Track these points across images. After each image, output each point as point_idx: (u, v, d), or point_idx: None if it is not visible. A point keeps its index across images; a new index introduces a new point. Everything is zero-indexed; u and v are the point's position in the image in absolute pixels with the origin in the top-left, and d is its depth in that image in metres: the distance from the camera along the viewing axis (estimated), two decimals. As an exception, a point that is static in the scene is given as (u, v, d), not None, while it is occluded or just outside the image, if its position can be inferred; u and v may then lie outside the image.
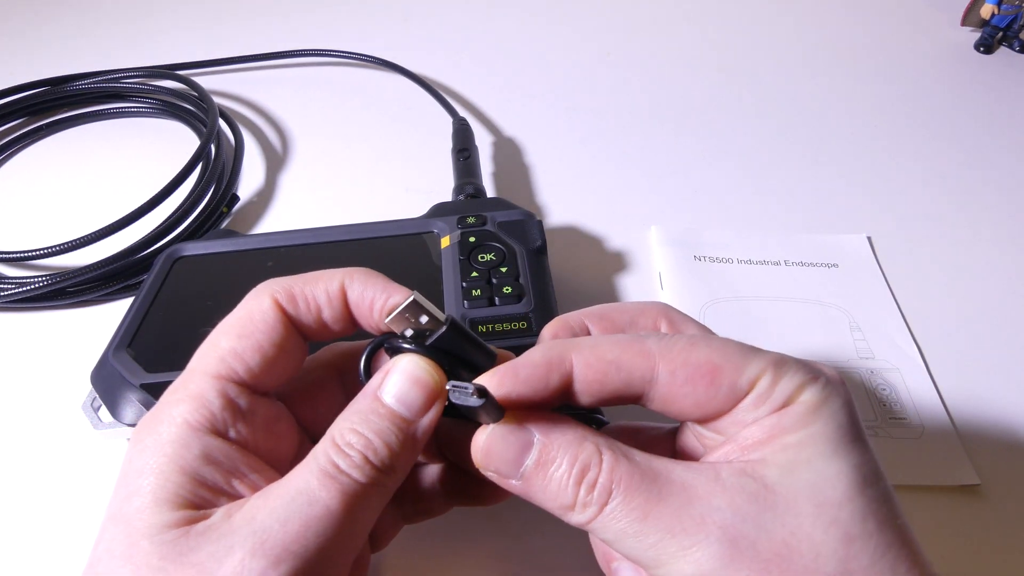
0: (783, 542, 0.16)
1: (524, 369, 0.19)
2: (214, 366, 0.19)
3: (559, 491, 0.18)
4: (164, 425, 0.18)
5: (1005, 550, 0.26)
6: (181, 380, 0.20)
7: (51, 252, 0.38)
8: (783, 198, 0.43)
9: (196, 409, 0.19)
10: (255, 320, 0.20)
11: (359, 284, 0.21)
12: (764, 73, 0.56)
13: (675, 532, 0.17)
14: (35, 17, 0.70)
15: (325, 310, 0.21)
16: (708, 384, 0.18)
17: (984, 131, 0.48)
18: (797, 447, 0.17)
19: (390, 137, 0.50)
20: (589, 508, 0.18)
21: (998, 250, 0.39)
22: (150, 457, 0.18)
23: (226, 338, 0.20)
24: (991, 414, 0.30)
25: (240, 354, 0.19)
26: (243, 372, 0.19)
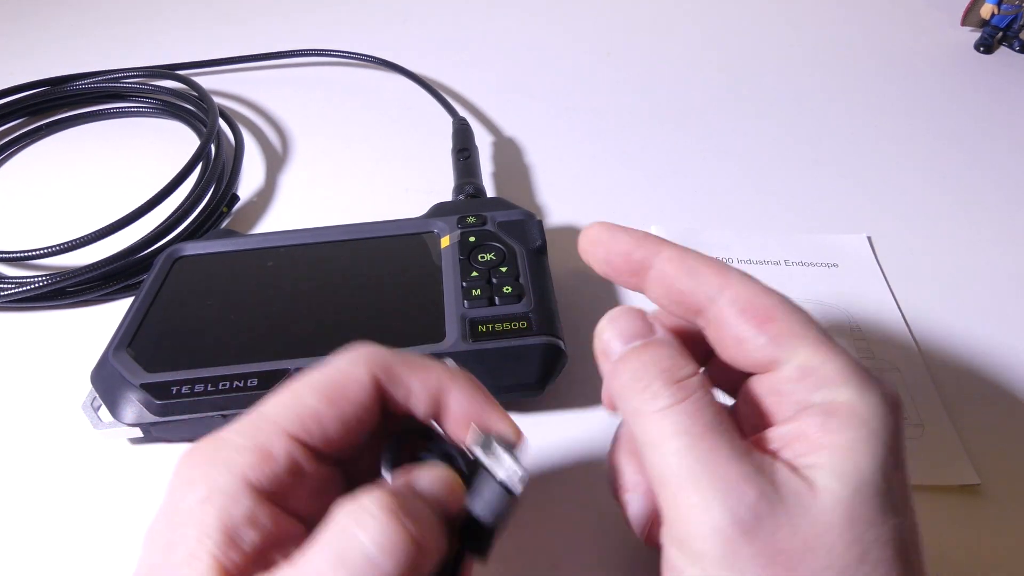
0: (804, 542, 0.16)
1: (619, 231, 0.22)
2: (292, 423, 0.18)
3: (641, 371, 0.19)
4: (221, 469, 0.18)
5: (1005, 550, 0.26)
6: (252, 423, 0.19)
7: (51, 252, 0.38)
8: (783, 198, 0.43)
9: (259, 464, 0.18)
10: (348, 389, 0.19)
11: (463, 395, 0.20)
12: (764, 73, 0.56)
13: (714, 480, 0.17)
14: (35, 17, 0.70)
15: (414, 401, 0.20)
16: (758, 325, 0.19)
17: (984, 131, 0.48)
18: (847, 454, 0.17)
19: (390, 137, 0.50)
20: (660, 396, 0.18)
21: (998, 250, 0.39)
22: (198, 504, 0.17)
23: (313, 397, 0.19)
24: (991, 414, 0.30)
25: (321, 419, 0.19)
26: (319, 439, 0.19)
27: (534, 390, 0.29)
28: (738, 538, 0.16)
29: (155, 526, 0.18)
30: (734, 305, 0.19)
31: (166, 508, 0.18)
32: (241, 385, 0.28)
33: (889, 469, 0.17)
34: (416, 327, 0.30)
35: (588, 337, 0.33)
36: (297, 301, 0.32)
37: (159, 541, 0.17)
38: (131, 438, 0.30)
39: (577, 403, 0.31)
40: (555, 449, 0.22)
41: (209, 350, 0.30)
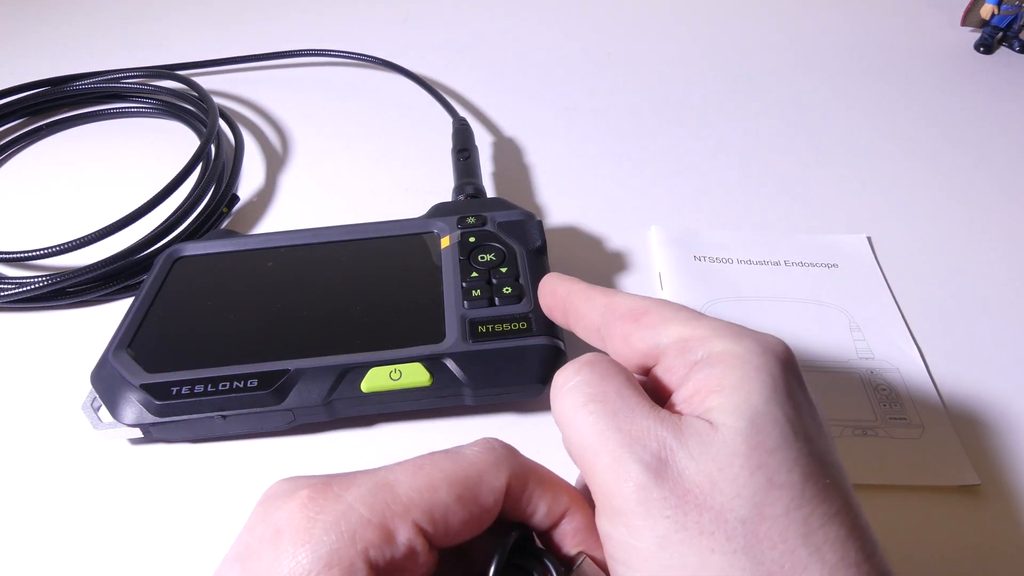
0: (709, 476, 0.17)
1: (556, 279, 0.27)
2: (421, 512, 0.18)
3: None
4: (345, 540, 0.17)
5: (1005, 550, 0.26)
6: (382, 499, 0.18)
7: (51, 252, 0.38)
8: (783, 198, 0.43)
9: (381, 544, 0.17)
10: (481, 493, 0.19)
11: (580, 521, 0.21)
12: (764, 73, 0.56)
13: (620, 437, 0.18)
14: (35, 17, 0.70)
15: (536, 516, 0.20)
16: (633, 320, 0.22)
17: (984, 131, 0.48)
18: (735, 390, 0.18)
19: (390, 137, 0.50)
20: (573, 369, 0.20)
21: (999, 250, 0.39)
22: (317, 571, 0.16)
23: (447, 491, 0.18)
24: (991, 414, 0.30)
25: (449, 516, 0.18)
26: (441, 532, 0.18)
27: (534, 390, 0.29)
28: (649, 484, 0.17)
29: (255, 569, 0.17)
30: (615, 311, 0.23)
31: (273, 560, 0.17)
32: (241, 386, 0.28)
33: (783, 399, 0.18)
34: (416, 327, 0.30)
35: (588, 337, 0.33)
36: (297, 301, 0.32)
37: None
38: (131, 438, 0.30)
39: (577, 403, 0.31)
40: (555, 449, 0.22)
41: (209, 350, 0.30)
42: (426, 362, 0.28)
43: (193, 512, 0.28)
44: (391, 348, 0.29)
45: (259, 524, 0.18)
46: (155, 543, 0.27)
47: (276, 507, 0.18)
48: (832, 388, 0.31)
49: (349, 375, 0.28)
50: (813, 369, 0.32)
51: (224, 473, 0.29)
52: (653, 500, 0.17)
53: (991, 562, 0.26)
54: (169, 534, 0.28)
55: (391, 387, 0.28)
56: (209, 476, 0.29)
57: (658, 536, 0.17)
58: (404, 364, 0.28)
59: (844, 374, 0.32)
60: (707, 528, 0.17)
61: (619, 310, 0.23)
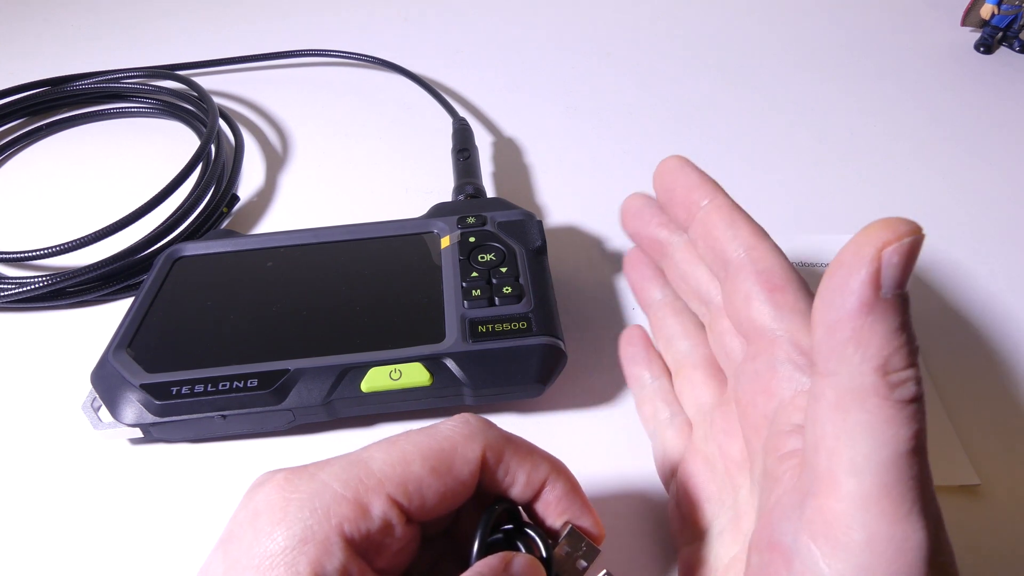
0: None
1: (691, 168, 0.24)
2: (395, 485, 0.18)
3: (904, 347, 0.15)
4: (319, 516, 0.17)
5: (1005, 550, 0.26)
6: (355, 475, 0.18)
7: (51, 252, 0.38)
8: (783, 198, 0.43)
9: (356, 518, 0.17)
10: (456, 464, 0.19)
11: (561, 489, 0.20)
12: (764, 73, 0.56)
13: (925, 498, 0.16)
14: (35, 17, 0.70)
15: (516, 487, 0.20)
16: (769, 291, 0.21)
17: (984, 131, 0.48)
18: None
19: (390, 137, 0.50)
20: (908, 387, 0.15)
21: (998, 250, 0.39)
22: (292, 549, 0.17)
23: (421, 464, 0.19)
24: (991, 414, 0.30)
25: (424, 489, 0.18)
26: (416, 505, 0.18)
27: (534, 390, 0.29)
28: (917, 564, 0.15)
29: (234, 550, 0.17)
30: (755, 266, 0.21)
31: (252, 539, 0.17)
32: (241, 386, 0.28)
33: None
34: (416, 327, 0.30)
35: (588, 337, 0.33)
36: (297, 301, 0.32)
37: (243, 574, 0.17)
38: (131, 438, 0.30)
39: (577, 403, 0.31)
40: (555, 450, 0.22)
41: (209, 350, 0.30)
42: (426, 362, 0.28)
43: (193, 512, 0.28)
44: (391, 348, 0.29)
45: (241, 510, 0.18)
46: (155, 543, 0.27)
47: (256, 493, 0.18)
48: (832, 388, 0.31)
49: (349, 375, 0.28)
50: (813, 369, 0.32)
51: (224, 473, 0.29)
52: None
53: (991, 562, 0.25)
54: (169, 534, 0.27)
55: (391, 387, 0.28)
56: (209, 476, 0.29)
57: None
58: (404, 364, 0.28)
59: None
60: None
61: (761, 264, 0.21)
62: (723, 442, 0.23)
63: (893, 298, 0.15)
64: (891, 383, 0.15)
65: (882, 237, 0.16)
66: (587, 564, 0.20)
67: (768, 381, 0.20)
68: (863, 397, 0.15)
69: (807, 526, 0.16)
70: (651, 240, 0.27)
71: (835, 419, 0.16)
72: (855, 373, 0.16)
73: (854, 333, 0.15)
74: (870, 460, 0.15)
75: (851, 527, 0.15)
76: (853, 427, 0.16)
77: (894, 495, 0.15)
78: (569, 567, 0.20)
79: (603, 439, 0.29)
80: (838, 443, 0.16)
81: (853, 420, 0.16)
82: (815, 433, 0.16)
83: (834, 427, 0.16)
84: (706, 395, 0.25)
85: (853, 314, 0.15)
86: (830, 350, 0.16)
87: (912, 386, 0.15)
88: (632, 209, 0.27)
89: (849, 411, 0.16)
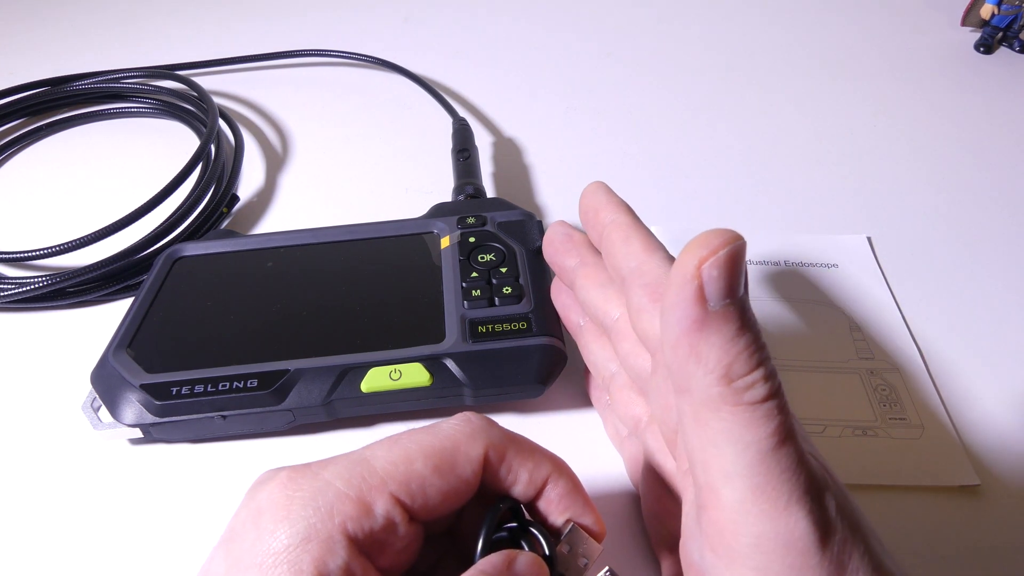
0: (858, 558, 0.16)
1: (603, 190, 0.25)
2: (398, 484, 0.18)
3: (744, 354, 0.16)
4: (322, 515, 0.17)
5: (1005, 550, 0.26)
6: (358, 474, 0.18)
7: (51, 252, 0.38)
8: (783, 198, 0.43)
9: (359, 516, 0.17)
10: (458, 464, 0.19)
11: (563, 487, 0.20)
12: (764, 73, 0.56)
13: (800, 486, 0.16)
14: (35, 17, 0.70)
15: (518, 486, 0.20)
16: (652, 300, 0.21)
17: (984, 131, 0.48)
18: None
19: (390, 137, 0.50)
20: (756, 389, 0.16)
21: (999, 250, 0.39)
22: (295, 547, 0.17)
23: (423, 463, 0.18)
24: (991, 414, 0.30)
25: (427, 488, 0.18)
26: (419, 504, 0.18)
27: (534, 390, 0.29)
28: (810, 550, 0.16)
29: (237, 549, 0.17)
30: (642, 278, 0.21)
31: (255, 538, 0.17)
32: (241, 386, 0.28)
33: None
34: (416, 328, 0.30)
35: (588, 337, 0.33)
36: (297, 302, 0.32)
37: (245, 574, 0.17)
38: (131, 439, 0.30)
39: (577, 404, 0.31)
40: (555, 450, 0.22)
41: (209, 351, 0.30)
42: (426, 362, 0.28)
43: (193, 512, 0.28)
44: (391, 348, 0.29)
45: (243, 509, 0.18)
46: (155, 543, 0.27)
47: (258, 491, 0.18)
48: (832, 388, 0.31)
49: (349, 375, 0.28)
50: (813, 369, 0.32)
51: (224, 473, 0.29)
52: (809, 568, 0.16)
53: (991, 562, 0.26)
54: (169, 534, 0.27)
55: (391, 387, 0.28)
56: (209, 476, 0.29)
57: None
58: (404, 364, 0.28)
59: (844, 374, 0.32)
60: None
61: (646, 277, 0.21)
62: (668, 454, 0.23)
63: (723, 309, 0.16)
64: (737, 389, 0.16)
65: (699, 254, 0.16)
66: (588, 561, 0.20)
67: (667, 394, 0.20)
68: (715, 408, 0.16)
69: (707, 540, 0.17)
70: (560, 268, 0.28)
71: (699, 433, 0.17)
72: (702, 387, 0.16)
73: (692, 349, 0.16)
74: (737, 465, 0.16)
75: (738, 533, 0.16)
76: (715, 437, 0.16)
77: (768, 493, 0.16)
78: (571, 565, 0.20)
79: (603, 439, 0.29)
80: (706, 455, 0.16)
81: (713, 431, 0.16)
82: (689, 448, 0.17)
83: (700, 440, 0.17)
84: (640, 412, 0.25)
85: (687, 332, 0.16)
86: (678, 369, 0.17)
87: (761, 387, 0.16)
88: (548, 238, 0.28)
89: (708, 423, 0.16)
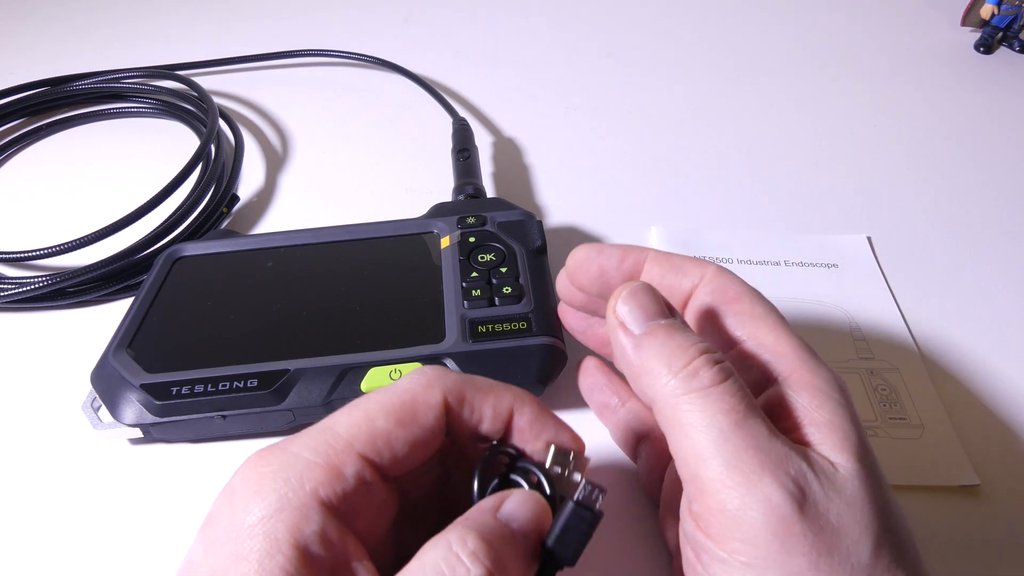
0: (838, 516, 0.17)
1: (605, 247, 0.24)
2: (363, 443, 0.19)
3: (679, 351, 0.19)
4: (293, 485, 0.17)
5: (1005, 550, 0.26)
6: (324, 440, 0.18)
7: (51, 252, 0.38)
8: (783, 198, 0.43)
9: (329, 482, 0.18)
10: (419, 412, 0.19)
11: (530, 412, 0.21)
12: (764, 73, 0.56)
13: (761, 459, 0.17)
14: (35, 17, 0.70)
15: (484, 422, 0.20)
16: (726, 303, 0.22)
17: (984, 131, 0.48)
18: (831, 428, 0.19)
19: (390, 137, 0.50)
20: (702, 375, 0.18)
21: (998, 250, 0.39)
22: (268, 518, 0.17)
23: (385, 419, 0.19)
24: (991, 414, 0.30)
25: (392, 441, 0.19)
26: (387, 459, 0.19)
27: (534, 390, 0.29)
28: (791, 517, 0.17)
29: (213, 531, 0.18)
30: (708, 286, 0.23)
31: (230, 516, 0.17)
32: (241, 386, 0.28)
33: (866, 440, 0.19)
34: (416, 327, 0.30)
35: (588, 337, 0.33)
36: (297, 302, 0.32)
37: (221, 550, 0.17)
38: (131, 439, 0.30)
39: (577, 403, 0.31)
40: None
41: (209, 350, 0.30)
42: (426, 362, 0.28)
43: (193, 512, 0.28)
44: (391, 348, 0.29)
45: (219, 495, 0.19)
46: (155, 543, 0.27)
47: (232, 476, 0.19)
48: (832, 388, 0.31)
49: (349, 375, 0.28)
50: (813, 369, 0.32)
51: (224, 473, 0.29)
52: (794, 535, 0.17)
53: (991, 562, 0.26)
54: (169, 534, 0.27)
55: (391, 387, 0.28)
56: (209, 476, 0.29)
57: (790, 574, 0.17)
58: (404, 364, 0.28)
59: (844, 374, 0.32)
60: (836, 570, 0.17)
61: (713, 284, 0.22)
62: None
63: (648, 329, 0.20)
64: (684, 378, 0.19)
65: (613, 300, 0.21)
66: (581, 475, 0.20)
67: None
68: (675, 405, 0.19)
69: (699, 527, 0.18)
70: (599, 404, 0.28)
71: (673, 433, 0.19)
72: (660, 391, 0.19)
73: (641, 368, 0.20)
74: (708, 447, 0.18)
75: (722, 510, 0.17)
76: (684, 430, 0.18)
77: (740, 467, 0.17)
78: (566, 483, 0.20)
79: (603, 439, 0.29)
80: (682, 449, 0.18)
81: (682, 425, 0.18)
82: (673, 453, 0.19)
83: (675, 439, 0.19)
84: None
85: (631, 358, 0.20)
86: (642, 391, 0.20)
87: (706, 373, 0.19)
88: (585, 370, 0.29)
89: (677, 421, 0.19)
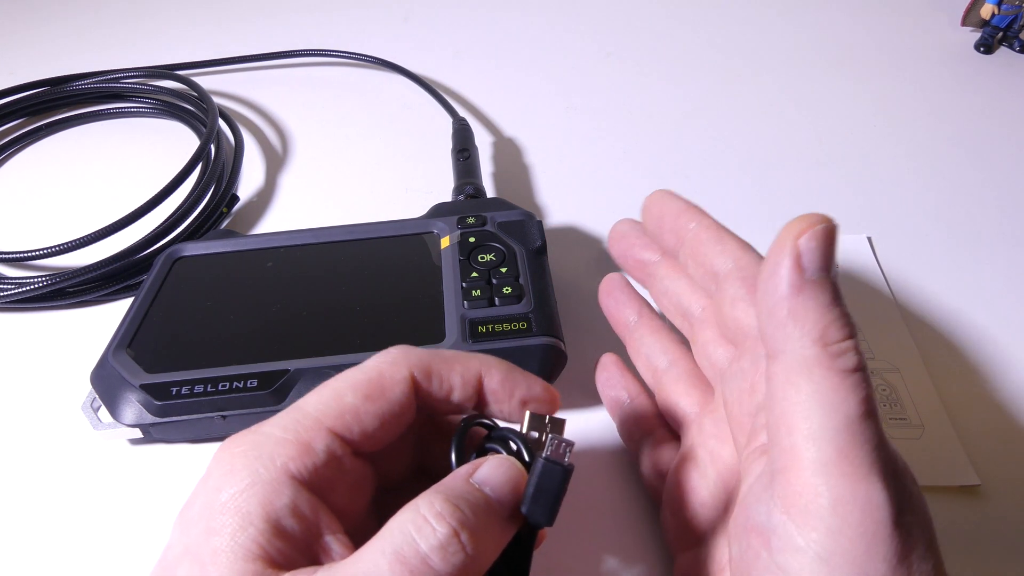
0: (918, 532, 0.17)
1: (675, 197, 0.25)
2: (332, 419, 0.19)
3: (838, 321, 0.17)
4: (264, 461, 0.18)
5: (1005, 550, 0.26)
6: (293, 418, 0.19)
7: (51, 252, 0.38)
8: (783, 198, 0.43)
9: (300, 456, 0.18)
10: (386, 387, 0.20)
11: (499, 374, 0.21)
12: (764, 73, 0.56)
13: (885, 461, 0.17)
14: (35, 17, 0.70)
15: (455, 392, 0.21)
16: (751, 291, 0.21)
17: (984, 131, 0.48)
18: None
19: (390, 137, 0.50)
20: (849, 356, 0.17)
21: (998, 250, 0.39)
22: (240, 493, 0.17)
23: (352, 395, 0.19)
24: (991, 414, 0.30)
25: (361, 416, 0.19)
26: (357, 434, 0.19)
27: (534, 390, 0.29)
28: (885, 521, 0.16)
29: (188, 513, 0.18)
30: (740, 271, 0.22)
31: (203, 497, 0.18)
32: (241, 386, 0.28)
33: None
34: (416, 328, 0.30)
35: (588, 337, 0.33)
36: (297, 302, 0.32)
37: (195, 527, 0.17)
38: (131, 439, 0.30)
39: (577, 403, 0.31)
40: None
41: (209, 351, 0.30)
42: (426, 362, 0.28)
43: (193, 512, 0.28)
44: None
45: (197, 483, 0.19)
46: (155, 543, 0.27)
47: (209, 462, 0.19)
48: (832, 388, 0.31)
49: (349, 375, 0.28)
50: (813, 369, 0.32)
51: (224, 473, 0.29)
52: (881, 539, 0.16)
53: (991, 562, 0.26)
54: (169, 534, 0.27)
55: (391, 387, 0.28)
56: (209, 476, 0.29)
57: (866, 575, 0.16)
58: (404, 364, 0.28)
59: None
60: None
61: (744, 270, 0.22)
62: (714, 447, 0.23)
63: (819, 279, 0.18)
64: (832, 353, 0.17)
65: (798, 228, 0.18)
66: (559, 436, 0.20)
67: (752, 377, 0.21)
68: (809, 369, 0.17)
69: (779, 502, 0.17)
70: (636, 261, 0.28)
71: (788, 395, 0.17)
72: (798, 347, 0.17)
73: (790, 311, 0.17)
74: (825, 428, 0.16)
75: (818, 493, 0.16)
76: (805, 399, 0.17)
77: (852, 458, 0.16)
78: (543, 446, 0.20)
79: (603, 439, 0.29)
80: (794, 417, 0.17)
81: (804, 393, 0.17)
82: (774, 413, 0.18)
83: (788, 403, 0.17)
84: (690, 404, 0.25)
85: (786, 296, 0.18)
86: (773, 332, 0.18)
87: (853, 356, 0.17)
88: (619, 233, 0.28)
89: (799, 385, 0.17)
